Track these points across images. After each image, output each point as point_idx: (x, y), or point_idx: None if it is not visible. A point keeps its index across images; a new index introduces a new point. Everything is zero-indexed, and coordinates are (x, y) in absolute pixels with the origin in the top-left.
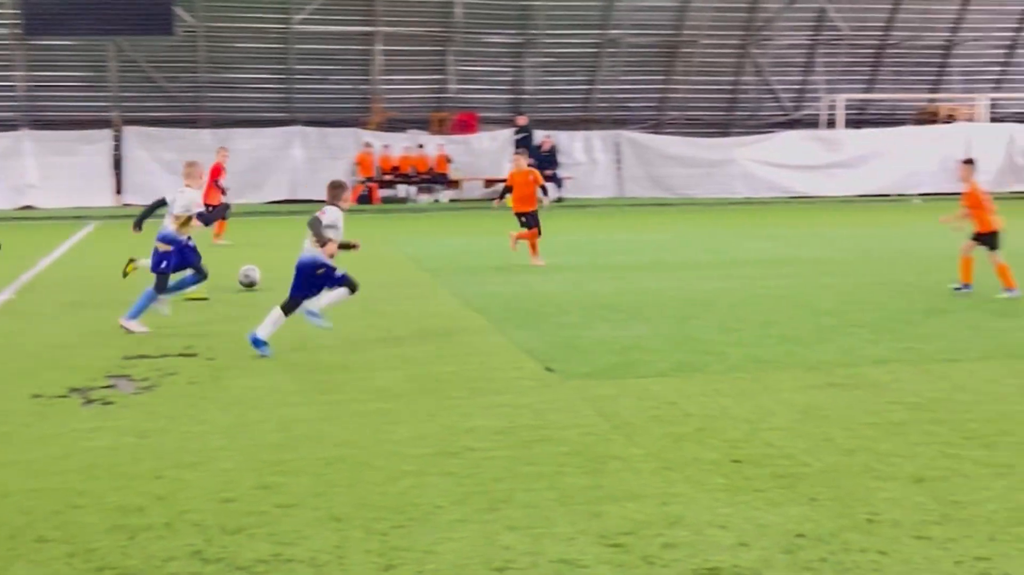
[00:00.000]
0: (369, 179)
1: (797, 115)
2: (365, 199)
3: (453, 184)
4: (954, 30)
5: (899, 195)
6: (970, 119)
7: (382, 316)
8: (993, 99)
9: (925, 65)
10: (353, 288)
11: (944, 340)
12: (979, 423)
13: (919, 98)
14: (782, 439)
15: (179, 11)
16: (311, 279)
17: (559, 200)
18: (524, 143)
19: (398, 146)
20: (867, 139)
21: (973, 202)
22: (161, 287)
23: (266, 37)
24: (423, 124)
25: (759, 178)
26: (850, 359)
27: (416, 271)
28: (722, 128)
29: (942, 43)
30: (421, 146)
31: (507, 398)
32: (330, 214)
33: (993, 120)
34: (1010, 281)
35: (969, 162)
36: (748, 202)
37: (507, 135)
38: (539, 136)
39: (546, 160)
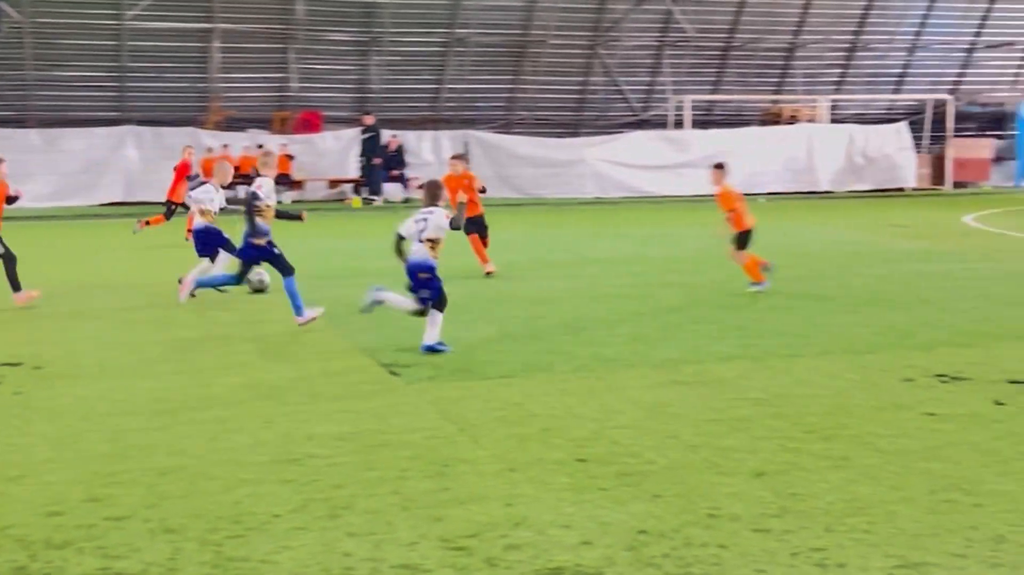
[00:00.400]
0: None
1: (645, 115)
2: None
3: (296, 185)
4: (796, 33)
5: (745, 194)
6: (812, 120)
7: (218, 323)
8: (833, 100)
9: (769, 67)
10: (441, 305)
11: (786, 336)
12: (818, 417)
13: (763, 99)
14: (628, 437)
15: (4, 7)
16: (417, 280)
17: (406, 201)
18: (370, 143)
19: (238, 146)
20: (714, 139)
21: (727, 203)
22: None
23: (97, 34)
24: (264, 123)
25: (608, 178)
26: (696, 356)
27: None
28: (571, 128)
29: (785, 46)
30: (261, 146)
31: (349, 403)
32: (439, 214)
33: (834, 121)
34: (758, 275)
35: (719, 166)
36: (598, 202)
37: (352, 135)
38: (386, 136)
39: (393, 160)
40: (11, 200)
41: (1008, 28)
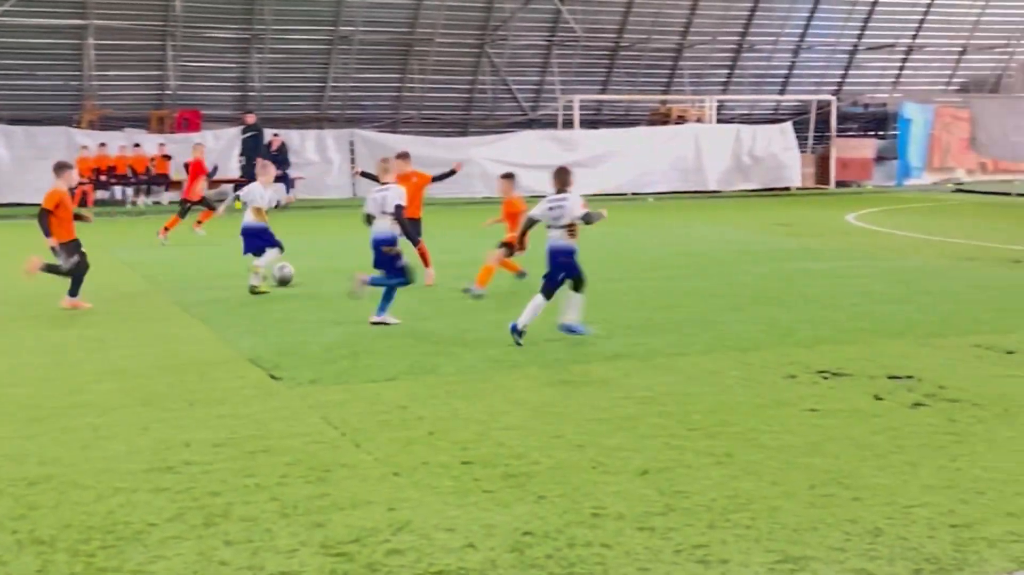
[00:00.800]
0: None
1: (535, 115)
2: (82, 202)
3: (175, 185)
4: (684, 34)
5: (634, 194)
6: (700, 120)
7: (93, 326)
8: (721, 101)
9: (657, 67)
10: (581, 286)
11: (673, 335)
12: (703, 414)
13: (652, 99)
14: (513, 438)
15: None
16: (558, 263)
17: (276, 205)
18: (252, 142)
19: (114, 145)
20: (603, 139)
21: (509, 212)
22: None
23: None
24: (142, 122)
25: (497, 177)
26: (583, 356)
27: (133, 277)
28: (460, 127)
29: (673, 46)
30: (138, 145)
31: (228, 408)
32: (575, 200)
33: (721, 121)
34: (484, 280)
35: (508, 176)
36: (487, 201)
37: (233, 133)
38: (268, 135)
39: (276, 160)
40: None
41: (889, 30)
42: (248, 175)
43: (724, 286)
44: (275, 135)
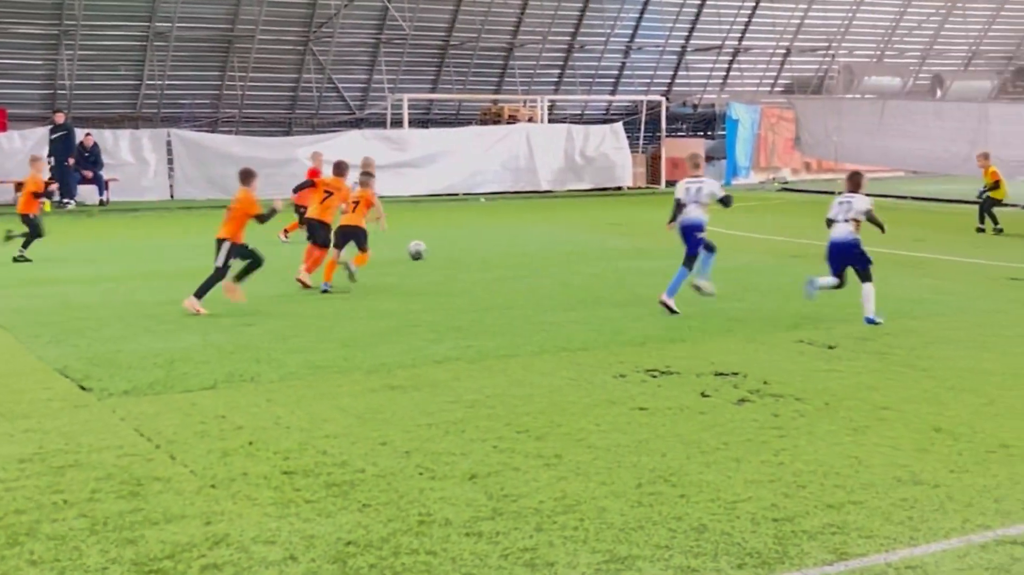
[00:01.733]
0: None
1: (363, 114)
2: None
3: None
4: (514, 33)
5: (466, 194)
6: (531, 120)
7: None
8: (552, 100)
9: (488, 66)
10: (869, 277)
11: (503, 336)
12: (532, 416)
13: (483, 98)
14: (337, 446)
15: None
16: (850, 258)
17: (102, 203)
18: (62, 142)
19: None
20: (433, 138)
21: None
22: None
23: None
24: None
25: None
26: (411, 360)
27: None
28: (283, 127)
29: (504, 45)
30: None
31: (34, 422)
32: (861, 200)
33: (552, 121)
34: (328, 276)
35: (365, 174)
36: None
37: (42, 134)
38: (80, 135)
39: (87, 161)
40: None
41: (717, 32)
42: (59, 177)
43: (556, 286)
44: (87, 135)
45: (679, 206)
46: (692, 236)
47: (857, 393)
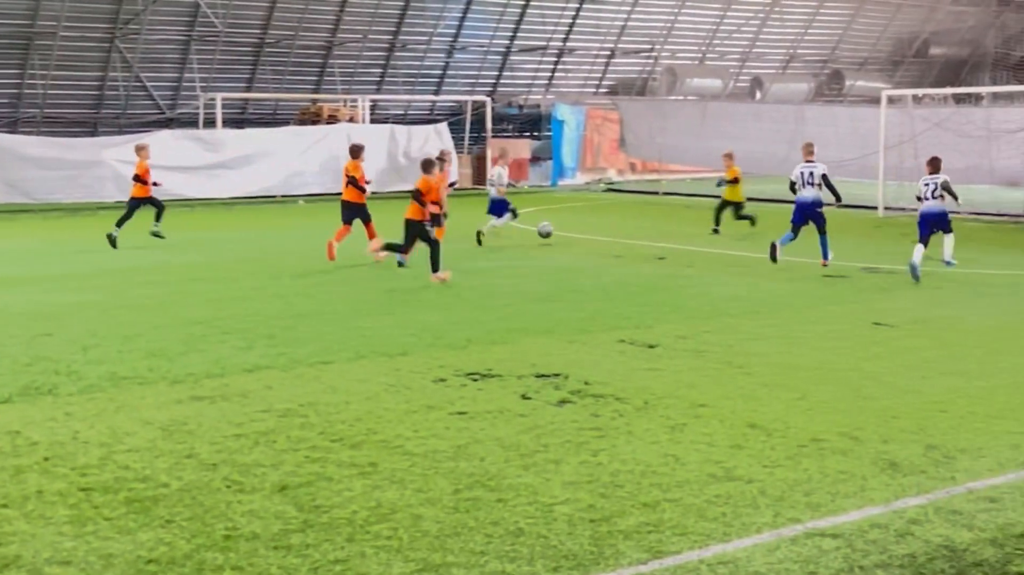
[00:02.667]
0: None
1: (173, 114)
2: None
3: None
4: (333, 31)
5: (284, 196)
6: (352, 120)
7: None
8: (374, 100)
9: (306, 65)
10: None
11: (318, 342)
12: (348, 424)
13: (301, 98)
14: (139, 461)
15: None
16: (940, 223)
17: None
18: None
19: None
20: (249, 139)
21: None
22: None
23: None
24: None
25: (132, 180)
26: (219, 369)
27: None
28: (89, 127)
29: (322, 43)
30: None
31: None
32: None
33: (374, 121)
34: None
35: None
36: (120, 206)
37: None
38: None
39: None
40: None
41: (541, 33)
42: None
43: (375, 291)
44: None
45: (794, 187)
46: (809, 211)
47: (676, 391)
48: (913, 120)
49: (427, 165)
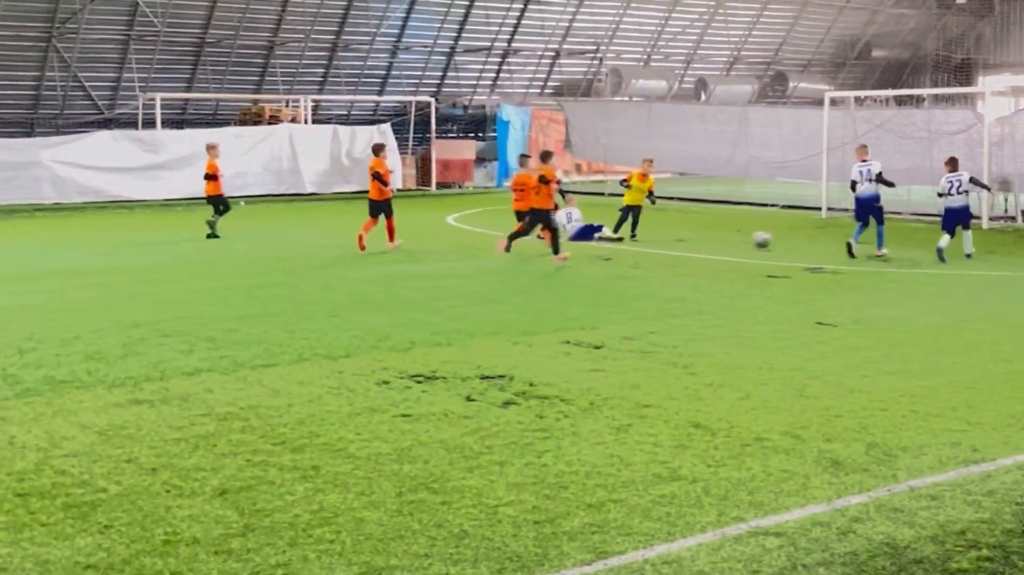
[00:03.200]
0: None
1: (112, 114)
2: None
3: None
4: (275, 31)
5: (230, 198)
6: (294, 120)
7: None
8: (316, 100)
9: (247, 65)
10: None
11: (261, 345)
12: (290, 427)
13: (243, 98)
14: (77, 465)
15: None
16: (964, 216)
17: None
18: None
19: None
20: (189, 140)
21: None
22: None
23: None
24: None
25: (70, 181)
26: (160, 373)
27: None
28: (25, 128)
29: (264, 43)
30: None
31: None
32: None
33: (317, 121)
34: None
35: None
36: (58, 208)
37: None
38: None
39: None
40: None
41: (486, 33)
42: None
43: (319, 292)
44: None
45: (855, 186)
46: (869, 206)
47: (621, 392)
48: (855, 122)
49: (546, 156)
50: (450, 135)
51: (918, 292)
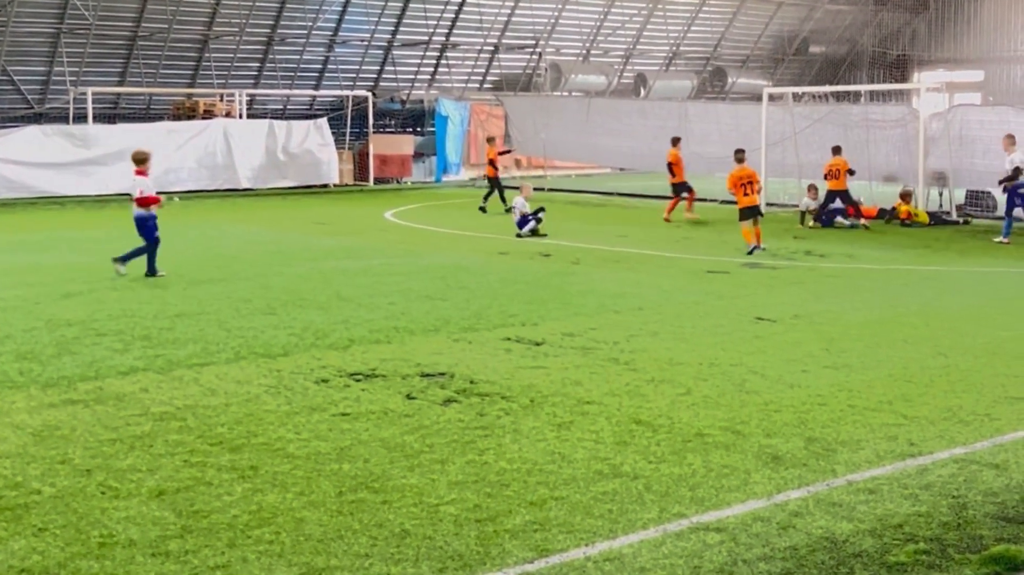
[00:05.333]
0: None
1: (42, 108)
2: None
3: None
4: (209, 24)
5: (159, 193)
6: (229, 115)
7: None
8: (251, 95)
9: (181, 59)
10: None
11: (197, 344)
12: (227, 427)
13: (176, 92)
14: (10, 467)
15: None
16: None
17: None
18: None
19: None
20: (122, 135)
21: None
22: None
23: None
24: None
25: (0, 177)
26: (94, 372)
27: None
28: None
29: (198, 37)
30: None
31: None
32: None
33: (252, 116)
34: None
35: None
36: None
37: None
38: None
39: None
40: None
41: (424, 27)
42: None
43: (255, 289)
44: None
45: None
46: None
47: (562, 389)
48: (794, 117)
49: (676, 140)
50: (388, 130)
51: (855, 287)
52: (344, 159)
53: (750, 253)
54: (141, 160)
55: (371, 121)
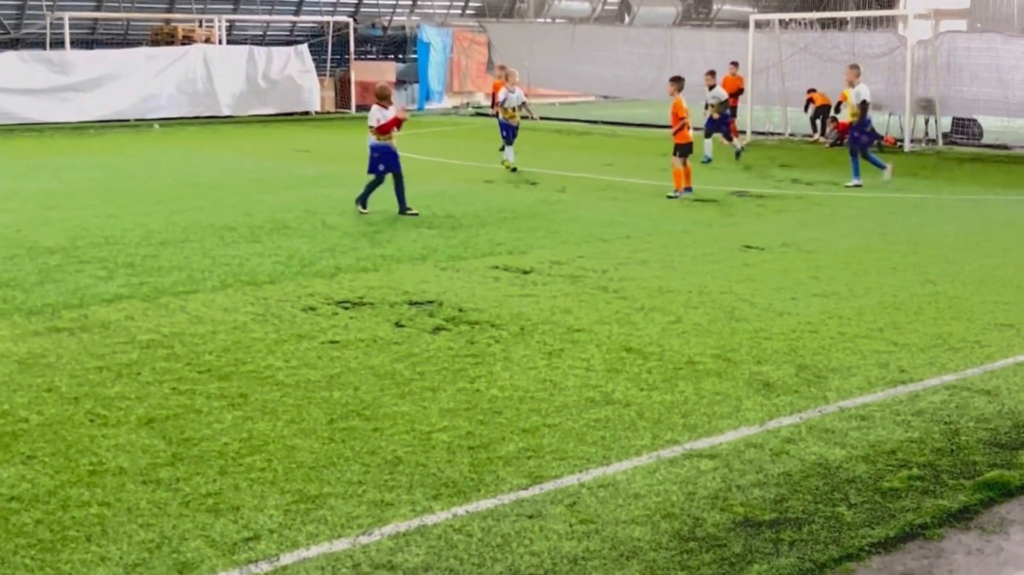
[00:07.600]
0: None
1: (19, 34)
2: None
3: None
4: None
5: (138, 120)
6: (208, 41)
7: None
8: (231, 20)
9: None
10: None
11: (182, 271)
12: (215, 355)
13: (154, 18)
14: None
15: None
16: None
17: None
18: None
19: None
20: (99, 61)
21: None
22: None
23: None
24: None
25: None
26: (78, 299)
27: None
28: None
29: None
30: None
31: None
32: None
33: (232, 42)
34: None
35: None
36: None
37: None
38: None
39: None
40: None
41: None
42: None
43: (239, 217)
44: None
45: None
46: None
47: (552, 317)
48: (780, 45)
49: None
50: (369, 57)
51: (841, 215)
52: (325, 86)
53: (672, 197)
54: (384, 96)
55: (352, 48)
